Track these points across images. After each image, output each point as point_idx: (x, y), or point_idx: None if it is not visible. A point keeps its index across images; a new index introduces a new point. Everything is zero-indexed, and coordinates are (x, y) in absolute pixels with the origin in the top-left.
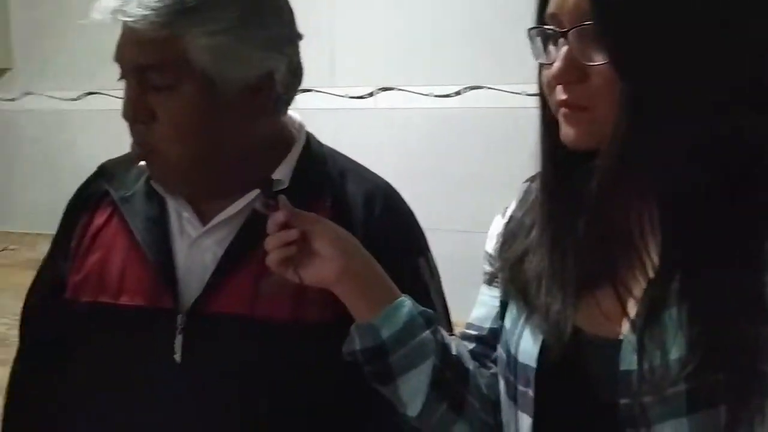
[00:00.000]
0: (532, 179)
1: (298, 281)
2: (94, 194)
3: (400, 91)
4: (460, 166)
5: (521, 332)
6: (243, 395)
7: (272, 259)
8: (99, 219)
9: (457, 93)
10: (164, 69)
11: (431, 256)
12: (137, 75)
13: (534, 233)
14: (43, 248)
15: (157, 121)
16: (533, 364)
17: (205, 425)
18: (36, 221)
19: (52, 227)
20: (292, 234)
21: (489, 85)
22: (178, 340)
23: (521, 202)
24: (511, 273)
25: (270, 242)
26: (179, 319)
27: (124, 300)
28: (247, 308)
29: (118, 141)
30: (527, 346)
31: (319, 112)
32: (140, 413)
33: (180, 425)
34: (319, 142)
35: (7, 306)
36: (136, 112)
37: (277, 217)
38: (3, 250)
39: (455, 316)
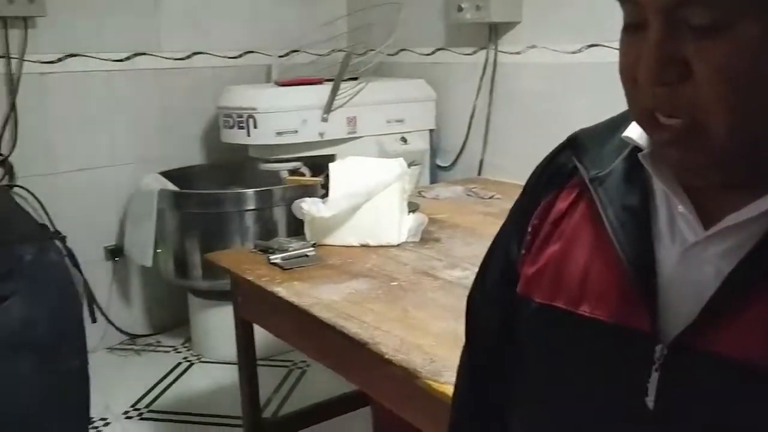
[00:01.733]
0: None
1: None
2: (560, 170)
3: None
4: None
5: None
6: None
7: None
8: (563, 202)
9: None
10: (717, 0)
11: None
12: (667, 15)
13: None
14: None
15: (692, 79)
16: None
17: None
18: (524, 173)
19: None
20: None
21: None
22: (654, 378)
23: None
24: None
25: None
26: (658, 350)
27: (584, 309)
28: (766, 354)
29: (613, 97)
30: None
31: None
32: None
33: None
34: None
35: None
36: (662, 68)
37: None
38: (491, 198)
39: None
